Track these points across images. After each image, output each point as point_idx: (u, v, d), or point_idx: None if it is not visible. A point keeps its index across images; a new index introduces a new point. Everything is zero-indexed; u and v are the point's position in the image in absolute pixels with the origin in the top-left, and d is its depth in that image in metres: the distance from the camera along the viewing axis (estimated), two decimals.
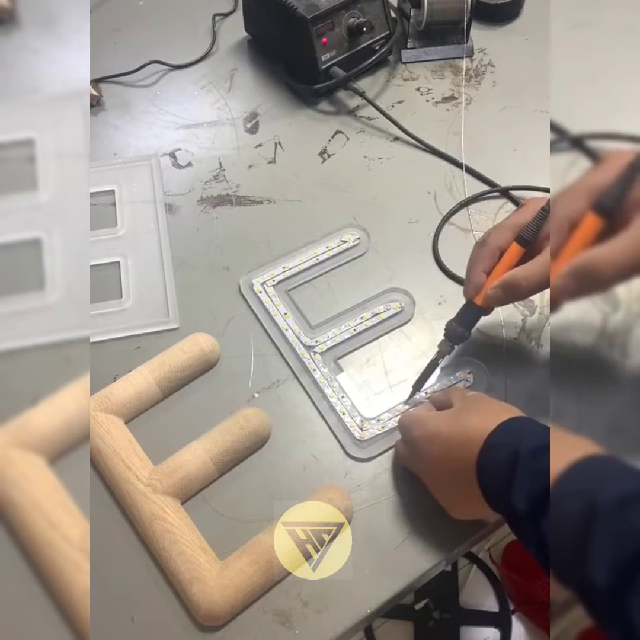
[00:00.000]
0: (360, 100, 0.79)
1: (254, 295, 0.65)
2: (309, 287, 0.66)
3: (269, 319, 0.63)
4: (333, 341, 0.62)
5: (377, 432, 0.57)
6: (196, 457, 0.54)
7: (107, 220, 0.70)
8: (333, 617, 0.50)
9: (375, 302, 0.65)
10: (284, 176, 0.74)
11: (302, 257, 0.67)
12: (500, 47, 0.86)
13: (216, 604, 0.48)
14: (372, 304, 0.64)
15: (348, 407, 0.59)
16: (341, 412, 0.58)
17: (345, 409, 0.58)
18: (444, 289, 0.66)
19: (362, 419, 0.58)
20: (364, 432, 0.57)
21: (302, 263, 0.67)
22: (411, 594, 1.16)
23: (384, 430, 0.57)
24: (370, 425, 0.58)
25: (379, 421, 0.58)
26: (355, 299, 0.65)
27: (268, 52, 0.85)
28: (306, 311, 0.64)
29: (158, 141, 0.77)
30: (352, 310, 0.64)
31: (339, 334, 0.62)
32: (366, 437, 0.57)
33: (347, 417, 0.58)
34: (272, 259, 0.67)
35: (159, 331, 0.63)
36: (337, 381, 0.60)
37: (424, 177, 0.74)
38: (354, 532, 0.53)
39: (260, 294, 0.65)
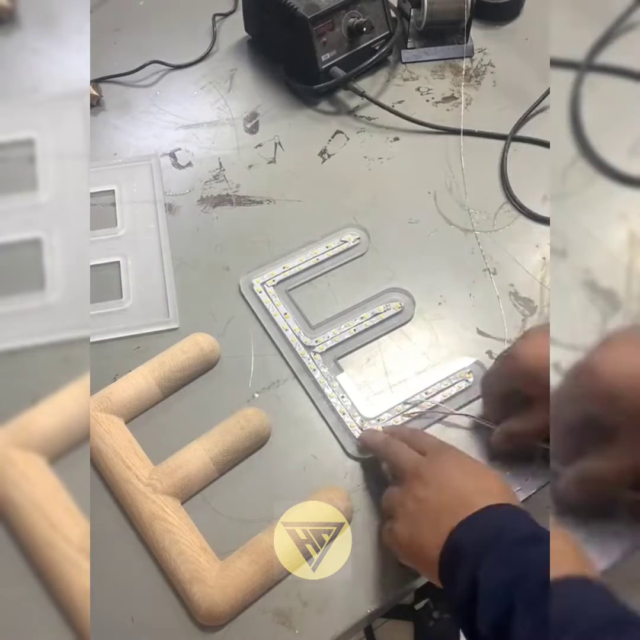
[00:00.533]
0: (360, 100, 0.79)
1: (254, 295, 0.65)
2: (309, 287, 0.66)
3: (269, 319, 0.63)
4: (333, 341, 0.62)
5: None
6: (196, 457, 0.54)
7: (107, 220, 0.70)
8: (333, 617, 0.50)
9: (375, 302, 0.65)
10: (284, 176, 0.74)
11: (302, 257, 0.67)
12: (500, 47, 0.86)
13: (216, 604, 0.48)
14: (372, 304, 0.64)
15: (348, 407, 0.58)
16: (341, 412, 0.58)
17: (345, 408, 0.58)
18: (444, 289, 0.66)
19: (362, 419, 0.58)
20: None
21: (302, 263, 0.67)
22: (411, 594, 1.16)
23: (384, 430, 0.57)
24: (370, 425, 0.58)
25: (379, 421, 0.58)
26: (355, 299, 0.65)
27: (268, 52, 0.85)
28: (306, 311, 0.64)
29: (158, 141, 0.77)
30: (352, 311, 0.64)
31: (339, 334, 0.62)
32: None
33: (347, 417, 0.58)
34: (272, 259, 0.67)
35: (159, 331, 0.63)
36: (337, 381, 0.60)
37: (424, 177, 0.74)
38: (354, 532, 0.53)
39: (260, 294, 0.65)
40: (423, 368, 0.61)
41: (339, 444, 0.57)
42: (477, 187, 0.73)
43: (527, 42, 0.86)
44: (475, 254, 0.68)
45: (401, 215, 0.71)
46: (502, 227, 0.70)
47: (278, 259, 0.67)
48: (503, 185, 0.73)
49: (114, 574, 0.51)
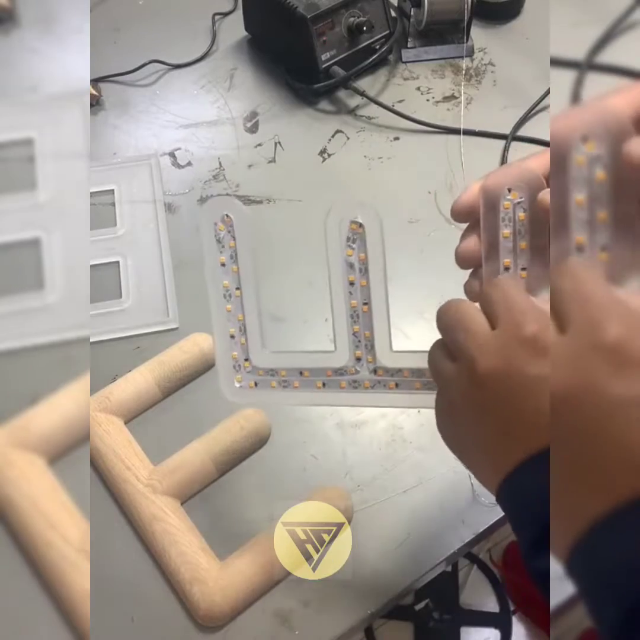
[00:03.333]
0: (361, 100, 0.79)
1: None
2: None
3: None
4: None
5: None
6: (196, 457, 0.54)
7: (106, 220, 0.70)
8: (333, 617, 0.50)
9: None
10: (284, 176, 0.74)
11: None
12: (500, 47, 0.86)
13: (216, 604, 0.48)
14: None
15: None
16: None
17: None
18: (444, 289, 0.66)
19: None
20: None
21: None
22: (411, 594, 1.16)
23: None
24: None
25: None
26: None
27: (268, 52, 0.85)
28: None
29: (158, 141, 0.77)
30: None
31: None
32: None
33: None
34: (273, 260, 0.67)
35: (159, 331, 0.63)
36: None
37: (424, 176, 0.74)
38: (354, 532, 0.53)
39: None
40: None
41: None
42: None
43: (527, 41, 0.86)
44: None
45: (401, 215, 0.71)
46: None
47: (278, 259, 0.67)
48: None
49: (114, 574, 0.51)
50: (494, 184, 0.37)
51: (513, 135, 0.76)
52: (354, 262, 0.43)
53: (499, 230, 0.38)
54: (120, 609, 0.50)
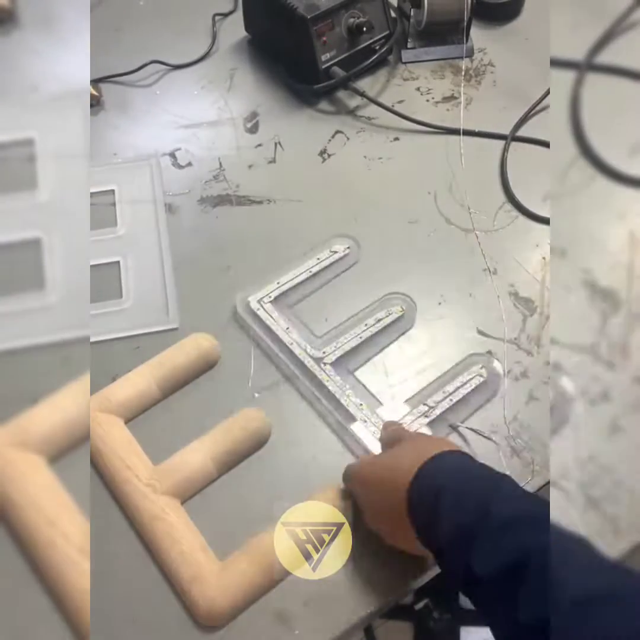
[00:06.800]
0: (360, 100, 0.79)
1: (252, 314, 0.63)
2: (308, 293, 0.65)
3: (270, 334, 0.62)
4: (333, 347, 0.61)
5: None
6: (196, 457, 0.54)
7: (107, 220, 0.70)
8: (333, 617, 0.50)
9: (377, 304, 0.64)
10: (284, 176, 0.74)
11: (300, 268, 0.66)
12: (500, 47, 0.86)
13: (216, 604, 0.48)
14: (374, 306, 0.64)
15: (368, 415, 0.58)
16: (362, 419, 0.58)
17: (366, 416, 0.58)
18: (444, 289, 0.66)
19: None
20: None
21: (302, 273, 0.65)
22: (411, 594, 1.16)
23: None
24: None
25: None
26: (356, 303, 0.64)
27: (268, 52, 0.85)
28: (308, 323, 0.64)
29: (158, 141, 0.77)
30: (357, 316, 0.63)
31: (346, 342, 0.61)
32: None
33: (369, 424, 0.57)
34: (273, 260, 0.67)
35: (159, 331, 0.63)
36: (337, 381, 0.60)
37: (424, 177, 0.74)
38: (354, 532, 0.53)
39: (259, 311, 0.63)
40: (431, 369, 0.60)
41: (339, 444, 0.57)
42: (477, 187, 0.73)
43: (527, 42, 0.86)
44: (475, 254, 0.68)
45: (401, 215, 0.71)
46: (502, 227, 0.70)
47: (278, 260, 0.67)
48: (503, 185, 0.73)
49: (114, 574, 0.51)
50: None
51: (513, 136, 0.76)
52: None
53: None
54: (120, 609, 0.50)
